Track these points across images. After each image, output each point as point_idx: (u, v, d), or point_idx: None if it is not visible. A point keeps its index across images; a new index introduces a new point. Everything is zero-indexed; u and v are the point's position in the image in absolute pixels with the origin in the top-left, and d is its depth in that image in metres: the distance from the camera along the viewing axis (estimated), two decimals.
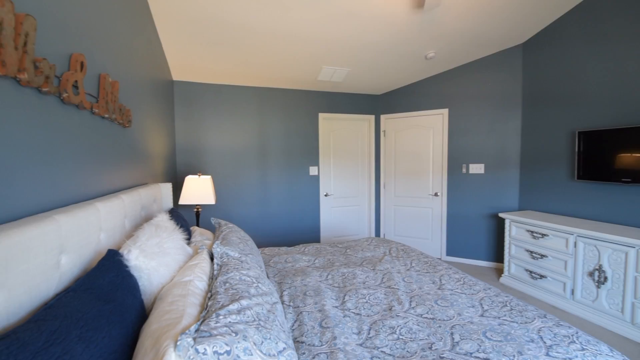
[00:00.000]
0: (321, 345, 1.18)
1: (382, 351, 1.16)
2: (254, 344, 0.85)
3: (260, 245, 3.81)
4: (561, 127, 3.01)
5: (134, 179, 1.91)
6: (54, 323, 0.67)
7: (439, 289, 1.67)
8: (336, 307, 1.51)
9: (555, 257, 2.64)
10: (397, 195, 4.30)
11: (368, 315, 1.42)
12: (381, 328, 1.30)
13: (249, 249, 1.80)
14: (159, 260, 1.25)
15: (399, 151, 4.26)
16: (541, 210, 3.20)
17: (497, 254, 3.58)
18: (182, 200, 2.71)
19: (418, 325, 1.31)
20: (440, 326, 1.30)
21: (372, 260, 2.16)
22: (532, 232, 2.82)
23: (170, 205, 2.41)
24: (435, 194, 3.98)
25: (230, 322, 0.90)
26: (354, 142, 4.39)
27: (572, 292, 2.52)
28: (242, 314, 0.96)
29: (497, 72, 3.55)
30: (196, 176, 2.76)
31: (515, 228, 3.00)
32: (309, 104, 4.06)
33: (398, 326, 1.31)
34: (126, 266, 1.10)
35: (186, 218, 3.41)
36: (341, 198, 4.34)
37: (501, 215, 3.13)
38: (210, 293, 1.14)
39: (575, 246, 2.48)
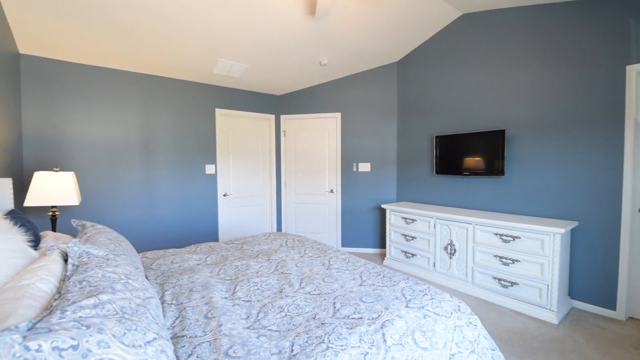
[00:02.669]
0: (204, 335, 1.12)
1: (269, 329, 1.17)
2: (113, 336, 0.75)
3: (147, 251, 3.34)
4: (425, 132, 3.68)
5: None
6: None
7: (327, 269, 1.79)
8: (225, 298, 1.45)
9: (421, 238, 3.19)
10: (297, 193, 4.45)
11: (258, 300, 1.42)
12: (270, 309, 1.32)
13: (123, 249, 1.57)
14: None
15: (299, 151, 4.42)
16: (413, 200, 3.82)
17: (382, 241, 4.10)
18: (30, 201, 2.16)
19: (305, 301, 1.38)
20: (325, 299, 1.40)
21: (267, 251, 2.17)
22: (405, 218, 3.34)
23: (11, 206, 1.89)
24: (331, 191, 4.29)
25: (81, 317, 0.77)
26: (255, 141, 4.35)
27: (434, 264, 3.08)
28: (99, 308, 0.83)
29: (379, 83, 4.09)
30: (51, 172, 2.24)
31: (394, 216, 3.49)
32: (205, 98, 3.82)
33: (287, 305, 1.35)
34: None
35: (36, 223, 2.75)
36: (241, 198, 4.22)
37: (383, 206, 3.61)
38: (58, 294, 0.94)
39: (434, 227, 3.06)
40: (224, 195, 4.03)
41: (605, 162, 2.38)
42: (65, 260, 1.30)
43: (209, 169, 3.86)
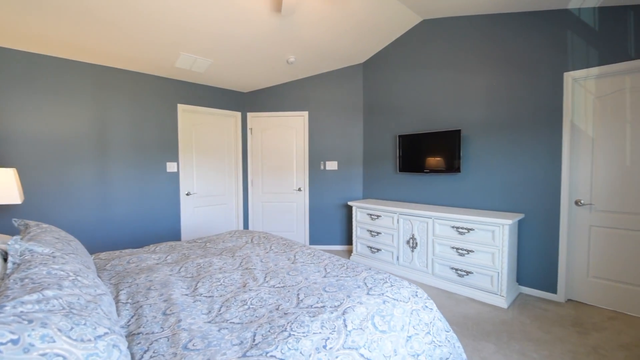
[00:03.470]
0: (162, 331, 1.08)
1: (231, 322, 1.16)
2: (59, 330, 0.71)
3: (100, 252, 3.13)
4: (389, 132, 3.82)
5: None
6: None
7: (292, 263, 1.81)
8: (186, 295, 1.41)
9: (386, 233, 3.31)
10: (264, 192, 4.40)
11: (221, 295, 1.39)
12: (233, 303, 1.30)
13: (72, 249, 1.47)
14: None
15: (266, 149, 4.39)
16: (378, 197, 3.95)
17: (349, 238, 4.18)
18: None
19: (269, 294, 1.39)
20: (289, 291, 1.41)
21: (232, 249, 2.14)
22: (370, 215, 3.45)
23: None
24: (299, 189, 4.30)
25: (22, 311, 0.72)
26: (220, 139, 4.24)
27: (398, 258, 3.21)
28: (43, 304, 0.78)
29: (346, 84, 4.17)
30: None
31: (360, 213, 3.59)
32: (166, 93, 3.66)
33: (250, 298, 1.34)
34: None
35: None
36: (206, 197, 4.10)
37: (349, 203, 3.69)
38: None
39: (398, 222, 3.18)
40: (187, 194, 3.89)
41: (547, 159, 2.63)
42: (5, 260, 1.19)
43: (171, 166, 3.71)
